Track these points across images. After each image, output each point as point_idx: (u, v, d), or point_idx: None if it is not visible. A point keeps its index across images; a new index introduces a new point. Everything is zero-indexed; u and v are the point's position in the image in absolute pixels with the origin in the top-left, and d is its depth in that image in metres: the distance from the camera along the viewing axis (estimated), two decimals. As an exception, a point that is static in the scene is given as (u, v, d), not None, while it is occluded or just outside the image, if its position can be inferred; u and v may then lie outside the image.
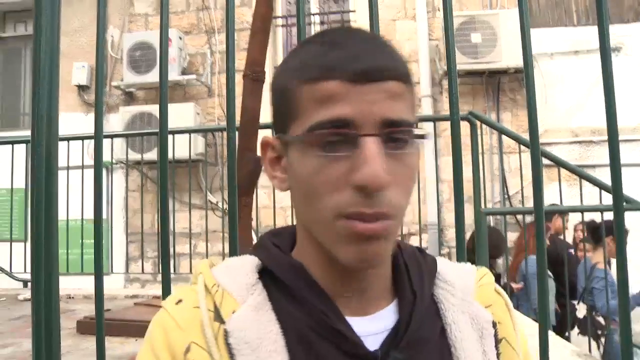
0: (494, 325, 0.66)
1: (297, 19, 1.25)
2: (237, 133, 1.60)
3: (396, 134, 0.57)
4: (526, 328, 0.76)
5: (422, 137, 0.59)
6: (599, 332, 3.88)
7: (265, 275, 0.64)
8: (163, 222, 1.24)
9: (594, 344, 3.91)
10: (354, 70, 0.56)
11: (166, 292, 1.25)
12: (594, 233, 3.73)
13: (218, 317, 0.60)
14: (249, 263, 0.65)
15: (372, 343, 0.60)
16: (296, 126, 0.59)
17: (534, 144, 1.13)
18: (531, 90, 1.11)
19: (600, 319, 3.90)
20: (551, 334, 2.57)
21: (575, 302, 4.01)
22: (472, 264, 0.74)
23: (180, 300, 0.63)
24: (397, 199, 0.57)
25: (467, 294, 0.67)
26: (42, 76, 1.26)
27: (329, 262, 0.61)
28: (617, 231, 1.09)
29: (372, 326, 0.62)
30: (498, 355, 0.66)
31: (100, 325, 1.29)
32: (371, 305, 0.63)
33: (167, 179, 1.27)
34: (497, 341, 0.66)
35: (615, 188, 1.09)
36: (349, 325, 0.60)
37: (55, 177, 1.38)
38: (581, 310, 3.97)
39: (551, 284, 3.91)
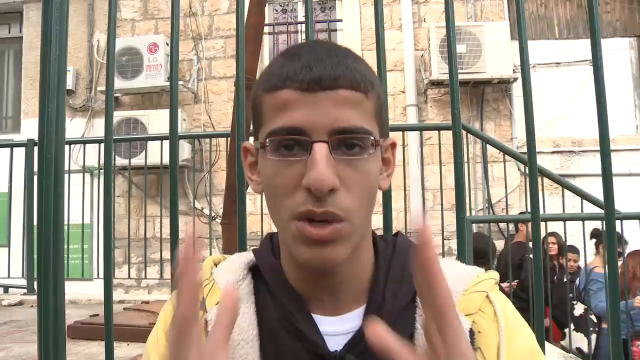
0: (472, 334, 0.63)
1: (306, 28, 1.28)
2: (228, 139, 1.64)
3: (348, 140, 0.60)
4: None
5: (375, 144, 0.62)
6: (591, 329, 4.19)
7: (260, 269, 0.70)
8: (173, 227, 1.27)
9: (586, 339, 4.22)
10: (306, 79, 0.60)
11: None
12: (596, 240, 4.24)
13: (203, 307, 0.66)
14: (241, 260, 0.71)
15: (340, 343, 0.63)
16: (262, 133, 0.64)
17: (531, 158, 1.18)
18: (529, 105, 1.17)
19: (593, 317, 4.26)
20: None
21: (574, 302, 4.32)
22: None
23: None
24: (347, 202, 0.60)
25: None
26: (52, 84, 1.28)
27: (298, 263, 0.64)
28: (607, 237, 1.15)
29: (341, 327, 0.64)
30: None
31: (110, 330, 1.32)
32: (342, 307, 0.66)
33: (176, 183, 1.30)
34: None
35: (607, 197, 1.15)
36: (312, 325, 0.64)
37: (62, 183, 1.41)
38: (578, 309, 4.33)
39: None
